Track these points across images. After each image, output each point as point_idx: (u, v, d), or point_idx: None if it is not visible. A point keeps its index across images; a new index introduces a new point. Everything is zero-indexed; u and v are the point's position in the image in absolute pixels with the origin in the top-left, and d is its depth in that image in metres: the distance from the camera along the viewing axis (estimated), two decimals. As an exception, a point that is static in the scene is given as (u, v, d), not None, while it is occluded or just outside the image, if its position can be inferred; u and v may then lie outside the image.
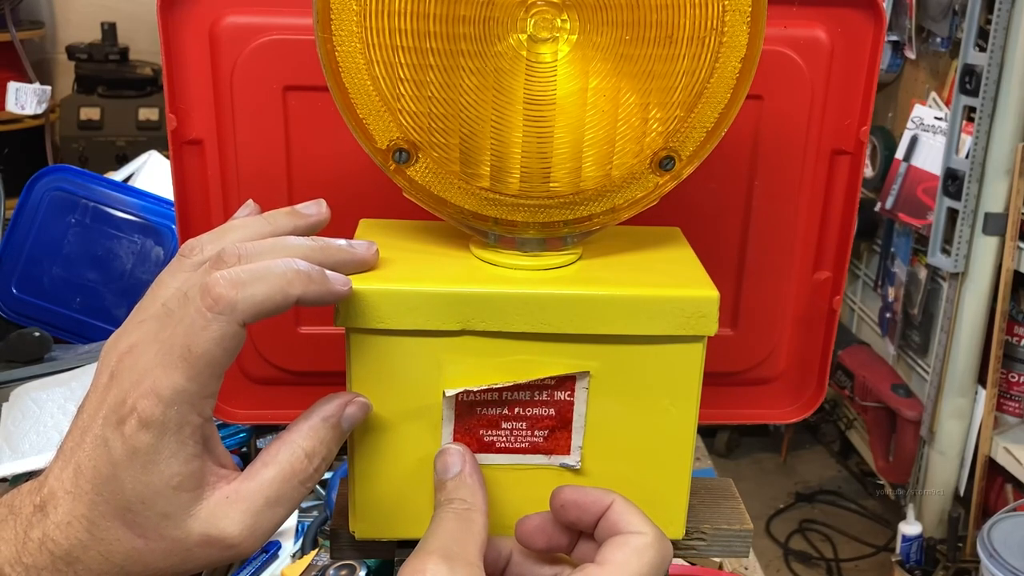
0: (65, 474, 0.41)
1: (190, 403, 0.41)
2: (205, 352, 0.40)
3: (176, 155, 0.57)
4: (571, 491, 0.46)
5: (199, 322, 0.40)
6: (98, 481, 0.41)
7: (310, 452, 0.43)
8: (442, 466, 0.47)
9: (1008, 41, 1.89)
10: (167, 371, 0.40)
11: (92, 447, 0.41)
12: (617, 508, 0.44)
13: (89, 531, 0.41)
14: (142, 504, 0.40)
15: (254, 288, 0.40)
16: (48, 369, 1.09)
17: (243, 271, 0.41)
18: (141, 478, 0.40)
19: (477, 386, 0.47)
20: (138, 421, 0.40)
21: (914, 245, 2.34)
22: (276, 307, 0.41)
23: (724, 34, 0.44)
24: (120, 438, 0.40)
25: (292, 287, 0.41)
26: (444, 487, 0.46)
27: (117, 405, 0.41)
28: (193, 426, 0.41)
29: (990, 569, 1.67)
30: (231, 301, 0.40)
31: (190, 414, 0.41)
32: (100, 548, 0.41)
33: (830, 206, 0.61)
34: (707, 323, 0.47)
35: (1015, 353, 2.06)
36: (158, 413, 0.40)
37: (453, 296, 0.46)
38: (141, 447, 0.40)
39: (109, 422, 0.41)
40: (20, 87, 1.98)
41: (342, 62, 0.44)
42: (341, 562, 0.75)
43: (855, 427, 2.69)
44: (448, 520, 0.44)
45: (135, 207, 1.30)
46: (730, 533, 0.54)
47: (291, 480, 0.43)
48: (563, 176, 0.47)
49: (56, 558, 0.41)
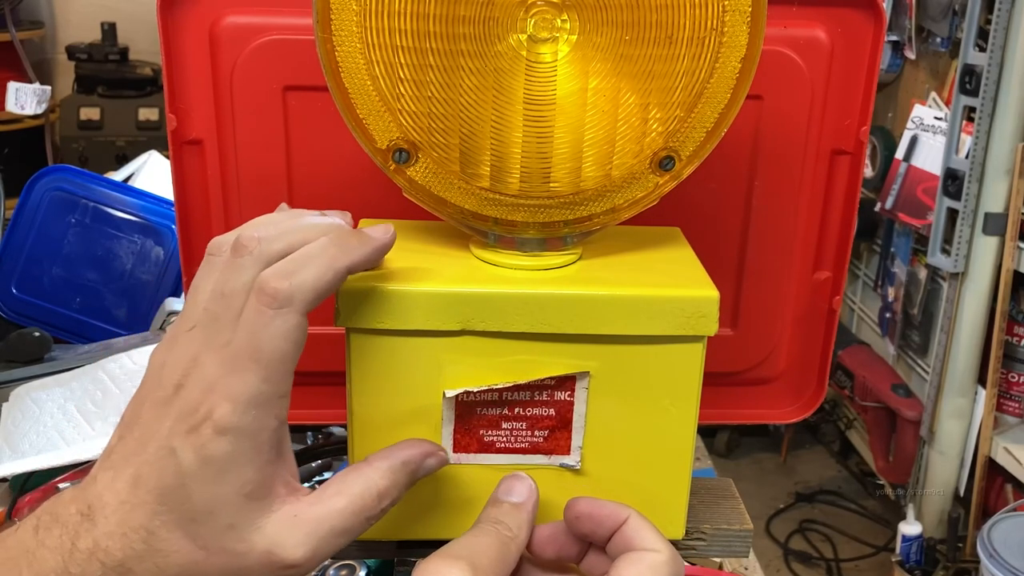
0: (119, 483, 0.40)
1: (266, 405, 0.40)
2: (275, 349, 0.40)
3: (176, 155, 0.57)
4: (586, 503, 0.45)
5: (261, 320, 0.40)
6: (162, 491, 0.40)
7: (383, 492, 0.43)
8: (507, 488, 0.46)
9: (1008, 41, 1.89)
10: (240, 375, 0.40)
11: (156, 457, 0.40)
12: (632, 524, 0.44)
13: (146, 542, 0.40)
14: (209, 515, 0.40)
15: (304, 274, 0.40)
16: (48, 369, 1.09)
17: (287, 261, 0.41)
18: (212, 488, 0.40)
19: (477, 387, 0.47)
20: (213, 429, 0.39)
21: (914, 245, 2.34)
22: (330, 284, 0.41)
23: (724, 34, 0.44)
24: (191, 447, 0.40)
25: (337, 260, 0.42)
26: (499, 506, 0.45)
27: (187, 414, 0.40)
28: (270, 430, 0.40)
29: (990, 569, 1.67)
30: (287, 292, 0.40)
31: (267, 417, 0.40)
32: (156, 560, 0.40)
33: (830, 206, 0.61)
34: (707, 323, 0.47)
35: (1015, 353, 2.06)
36: (235, 419, 0.39)
37: (453, 296, 0.46)
38: (216, 455, 0.39)
39: (177, 432, 0.40)
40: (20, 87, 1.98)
41: (342, 62, 0.44)
42: (341, 562, 0.75)
43: (855, 427, 2.69)
44: (487, 536, 0.43)
45: (135, 207, 1.30)
46: (730, 533, 0.54)
47: (359, 515, 0.42)
48: (563, 176, 0.47)
49: (108, 568, 0.40)
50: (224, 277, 0.41)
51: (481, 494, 0.49)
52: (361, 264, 0.43)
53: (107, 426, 0.93)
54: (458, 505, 0.50)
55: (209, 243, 0.43)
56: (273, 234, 0.42)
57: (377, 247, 0.44)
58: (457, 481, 0.49)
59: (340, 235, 0.43)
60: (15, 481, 0.91)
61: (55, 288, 1.29)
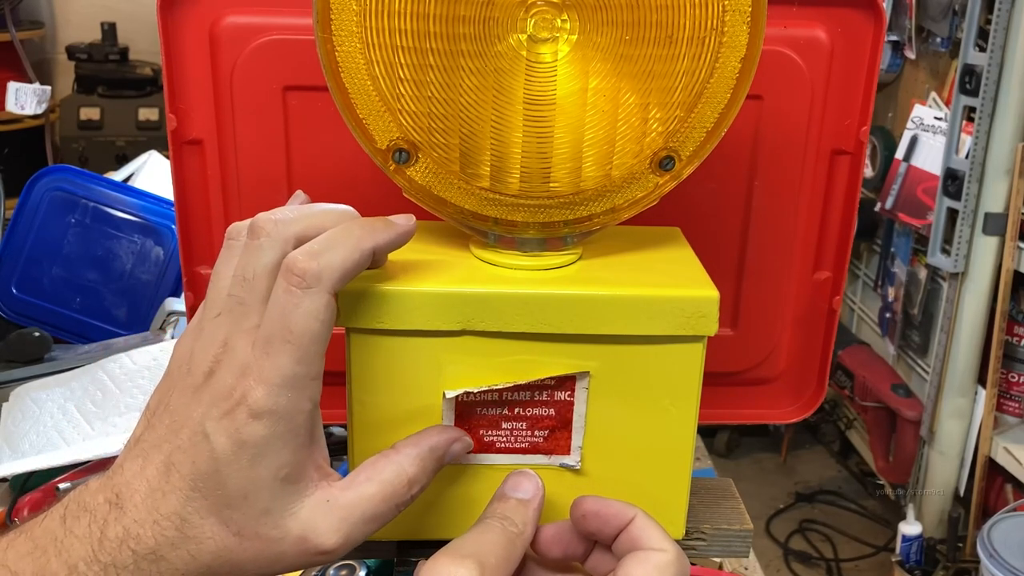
0: (150, 470, 0.40)
1: (300, 387, 0.40)
2: (306, 330, 0.40)
3: (176, 155, 0.57)
4: (593, 502, 0.45)
5: (291, 301, 0.40)
6: (195, 477, 0.40)
7: (412, 479, 0.43)
8: (514, 484, 0.46)
9: (1008, 41, 1.89)
10: (273, 358, 0.40)
11: (190, 443, 0.40)
12: (639, 523, 0.44)
13: (179, 529, 0.40)
14: (244, 500, 0.40)
15: (331, 254, 0.41)
16: (48, 369, 1.09)
17: (314, 243, 0.41)
18: (247, 472, 0.40)
19: (477, 387, 0.47)
20: (248, 412, 0.39)
21: (914, 245, 2.34)
22: (356, 265, 0.42)
23: (724, 34, 0.44)
24: (225, 432, 0.40)
25: (364, 241, 0.42)
26: (505, 502, 0.45)
27: (220, 399, 0.40)
28: (304, 412, 0.41)
29: (990, 569, 1.67)
30: (315, 272, 0.40)
31: (301, 399, 0.40)
32: (189, 547, 0.40)
33: (830, 206, 0.61)
34: (707, 323, 0.47)
35: (1015, 353, 2.06)
36: (270, 402, 0.39)
37: (453, 296, 0.46)
38: (251, 439, 0.39)
39: (211, 416, 0.40)
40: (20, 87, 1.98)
41: (342, 62, 0.44)
42: (341, 562, 0.75)
43: (855, 427, 2.69)
44: (494, 533, 0.43)
45: (135, 207, 1.30)
46: (730, 533, 0.54)
47: (390, 501, 0.42)
48: (563, 176, 0.47)
49: (139, 557, 0.40)
50: (244, 261, 0.42)
51: (481, 494, 0.49)
52: (385, 247, 0.44)
53: (107, 426, 0.93)
54: (458, 505, 0.50)
55: (228, 229, 0.44)
56: (290, 217, 0.42)
57: (401, 232, 0.44)
58: (457, 481, 0.49)
59: (365, 218, 0.44)
60: (15, 481, 0.91)
61: (55, 288, 1.29)
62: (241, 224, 0.43)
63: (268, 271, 0.41)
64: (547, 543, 0.46)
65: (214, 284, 0.43)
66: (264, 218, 0.42)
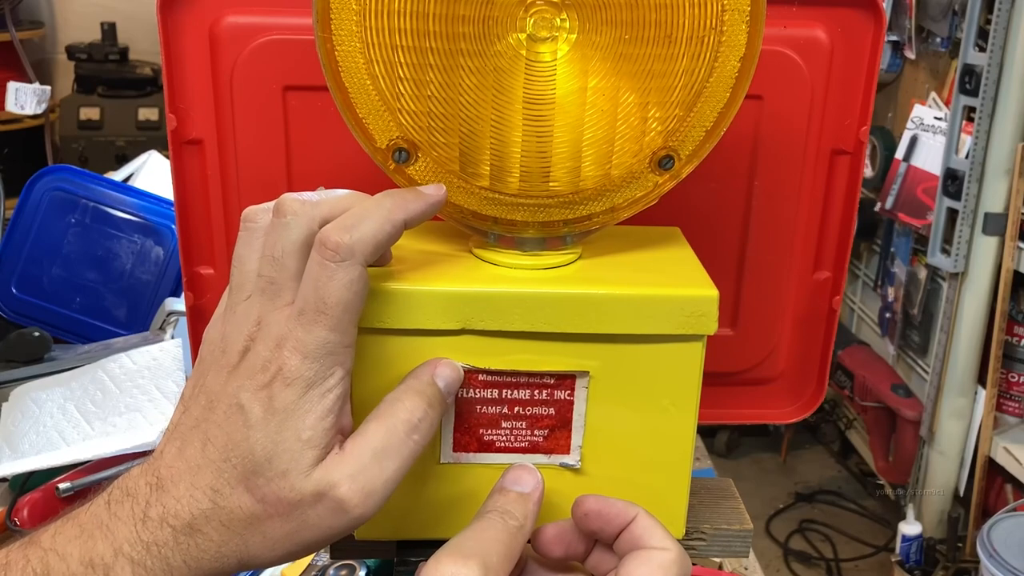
0: (189, 450, 0.41)
1: (334, 355, 0.41)
2: (340, 299, 0.41)
3: (176, 155, 0.57)
4: (595, 501, 0.45)
5: (325, 274, 0.41)
6: (229, 448, 0.41)
7: (411, 407, 0.43)
8: (514, 477, 0.46)
9: (1008, 41, 1.89)
10: (308, 327, 0.41)
11: (225, 416, 0.41)
12: (641, 522, 0.44)
13: (212, 500, 0.41)
14: (268, 463, 0.40)
15: (364, 227, 0.41)
16: (48, 369, 1.09)
17: (345, 217, 0.42)
18: (274, 436, 0.40)
19: (481, 366, 0.47)
20: (282, 381, 0.40)
21: (914, 245, 2.34)
22: (389, 236, 0.42)
23: (723, 33, 0.44)
24: (259, 401, 0.41)
25: (395, 213, 0.43)
26: (505, 495, 0.45)
27: (257, 371, 0.41)
28: (336, 378, 0.41)
29: (990, 569, 1.67)
30: (348, 245, 0.41)
31: (333, 366, 0.41)
32: (222, 517, 0.41)
33: (830, 206, 0.61)
34: (707, 322, 0.47)
35: (1015, 353, 2.06)
36: (304, 369, 0.40)
37: (453, 295, 0.46)
38: (282, 405, 0.40)
39: (247, 388, 0.41)
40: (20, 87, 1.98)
41: (342, 62, 0.44)
42: (341, 562, 0.75)
43: (855, 427, 2.69)
44: (496, 529, 0.43)
45: (135, 207, 1.30)
46: (730, 533, 0.54)
47: (395, 430, 0.42)
48: (563, 175, 0.47)
49: (177, 531, 0.41)
50: (272, 241, 0.42)
51: (481, 494, 0.49)
52: (417, 217, 0.44)
53: (107, 426, 0.93)
54: (458, 504, 0.50)
55: (244, 212, 0.44)
56: (315, 198, 0.43)
57: (432, 202, 0.45)
58: (457, 480, 0.49)
59: (396, 190, 0.44)
60: (15, 481, 0.91)
61: (55, 288, 1.29)
62: (258, 207, 0.44)
63: (298, 248, 0.42)
64: (548, 542, 0.46)
65: (239, 267, 0.43)
66: (290, 198, 0.43)
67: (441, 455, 0.49)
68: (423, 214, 0.44)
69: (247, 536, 0.41)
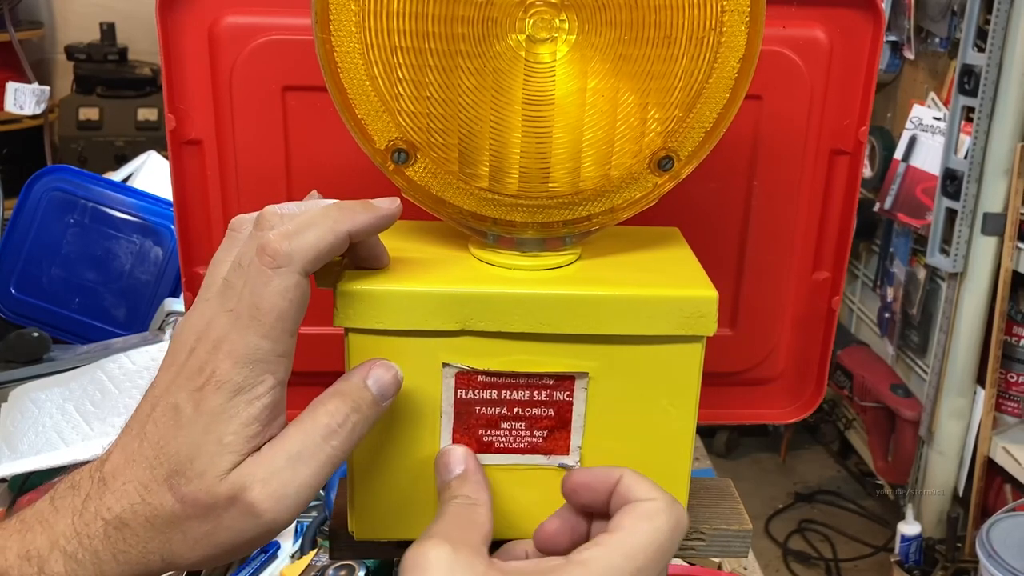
0: (132, 446, 0.42)
1: (263, 363, 0.41)
2: (273, 306, 0.41)
3: (175, 155, 0.57)
4: (578, 474, 0.46)
5: (261, 280, 0.41)
6: (160, 446, 0.41)
7: (333, 410, 0.43)
8: (444, 467, 0.47)
9: (1007, 41, 1.89)
10: (241, 333, 0.41)
11: (162, 414, 0.42)
12: (626, 480, 0.44)
13: (141, 496, 0.41)
14: (189, 464, 0.41)
15: (305, 235, 0.42)
16: (47, 369, 1.10)
17: (291, 224, 0.42)
18: (198, 438, 0.41)
19: (480, 366, 0.47)
20: (214, 384, 0.41)
21: (913, 245, 2.34)
22: (330, 247, 0.42)
23: (723, 34, 0.44)
24: (192, 402, 0.41)
25: (340, 224, 0.43)
26: (448, 487, 0.46)
27: (194, 373, 0.41)
28: (265, 386, 0.41)
29: (989, 569, 1.67)
30: (287, 252, 0.41)
31: (263, 374, 0.41)
32: (147, 512, 0.41)
33: (829, 206, 0.61)
34: (706, 323, 0.47)
35: (1014, 353, 2.06)
36: (233, 374, 0.41)
37: (452, 296, 0.46)
38: (209, 408, 0.41)
39: (183, 389, 0.41)
40: (19, 87, 1.98)
41: (341, 62, 0.44)
42: (340, 562, 0.75)
43: (854, 427, 2.69)
44: (450, 511, 0.44)
45: (134, 207, 1.30)
46: (729, 533, 0.54)
47: (311, 434, 0.42)
48: (562, 176, 0.47)
49: (108, 524, 0.41)
50: (244, 249, 0.43)
51: (480, 494, 0.49)
52: (363, 230, 0.44)
53: (106, 426, 0.93)
54: (457, 505, 0.50)
55: (232, 220, 0.45)
56: (296, 211, 0.43)
57: (381, 215, 0.45)
58: (456, 481, 0.49)
59: (346, 201, 0.44)
60: (14, 481, 0.91)
61: (54, 288, 1.29)
62: (245, 216, 0.45)
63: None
64: (552, 537, 0.46)
65: (211, 271, 0.44)
66: (270, 211, 0.43)
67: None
68: (371, 227, 0.44)
69: (169, 535, 0.41)
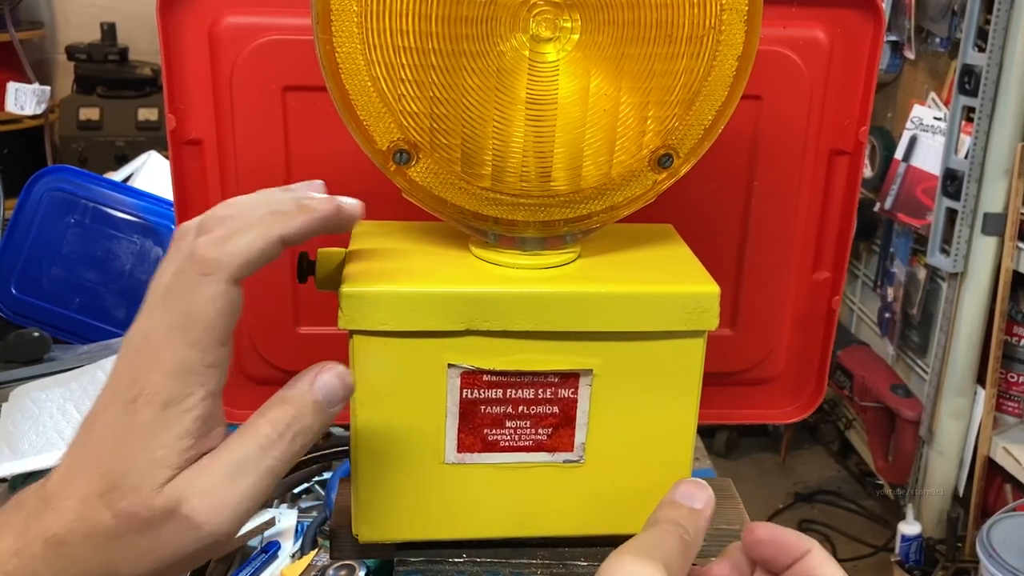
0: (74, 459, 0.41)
1: (192, 372, 0.40)
2: (200, 316, 0.40)
3: (175, 155, 0.57)
4: (768, 529, 0.44)
5: (190, 288, 0.40)
6: (98, 460, 0.40)
7: (274, 419, 0.42)
8: (686, 492, 0.45)
9: (1007, 41, 1.89)
10: (169, 344, 0.40)
11: (101, 428, 0.41)
12: (816, 556, 0.43)
13: (78, 512, 0.40)
14: (123, 479, 0.40)
15: (235, 242, 0.40)
16: (47, 369, 1.09)
17: (223, 229, 0.41)
18: (132, 453, 0.40)
19: (485, 366, 0.47)
20: (144, 398, 0.40)
21: (913, 245, 2.34)
22: (262, 252, 0.41)
23: (722, 32, 0.45)
24: (127, 416, 0.40)
25: (272, 229, 0.41)
26: (678, 509, 0.44)
27: (128, 387, 0.41)
28: (196, 398, 0.40)
29: (989, 569, 1.67)
30: (215, 259, 0.40)
31: (192, 385, 0.40)
32: (84, 530, 0.40)
33: (829, 206, 0.61)
34: (708, 318, 0.47)
35: (1014, 353, 2.06)
36: (161, 386, 0.40)
37: (456, 296, 0.46)
38: (142, 422, 0.40)
39: (119, 403, 0.41)
40: (19, 87, 1.98)
41: (342, 63, 0.44)
42: (341, 562, 0.75)
43: (854, 427, 2.69)
44: (675, 539, 0.42)
45: (134, 207, 1.30)
46: (730, 533, 0.54)
47: (250, 445, 0.41)
48: (563, 175, 0.47)
49: (47, 543, 0.40)
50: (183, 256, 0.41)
51: (483, 494, 0.49)
52: (299, 234, 0.42)
53: (107, 426, 0.93)
54: (461, 505, 0.50)
55: (176, 229, 0.43)
56: (235, 213, 0.42)
57: (316, 218, 0.43)
58: (461, 481, 0.49)
59: (282, 206, 0.43)
60: (14, 482, 0.91)
61: (54, 288, 1.29)
62: (188, 224, 0.43)
63: None
64: None
65: (155, 280, 0.42)
66: (212, 215, 0.42)
67: (445, 456, 0.49)
68: (306, 230, 0.42)
69: (109, 551, 0.40)
